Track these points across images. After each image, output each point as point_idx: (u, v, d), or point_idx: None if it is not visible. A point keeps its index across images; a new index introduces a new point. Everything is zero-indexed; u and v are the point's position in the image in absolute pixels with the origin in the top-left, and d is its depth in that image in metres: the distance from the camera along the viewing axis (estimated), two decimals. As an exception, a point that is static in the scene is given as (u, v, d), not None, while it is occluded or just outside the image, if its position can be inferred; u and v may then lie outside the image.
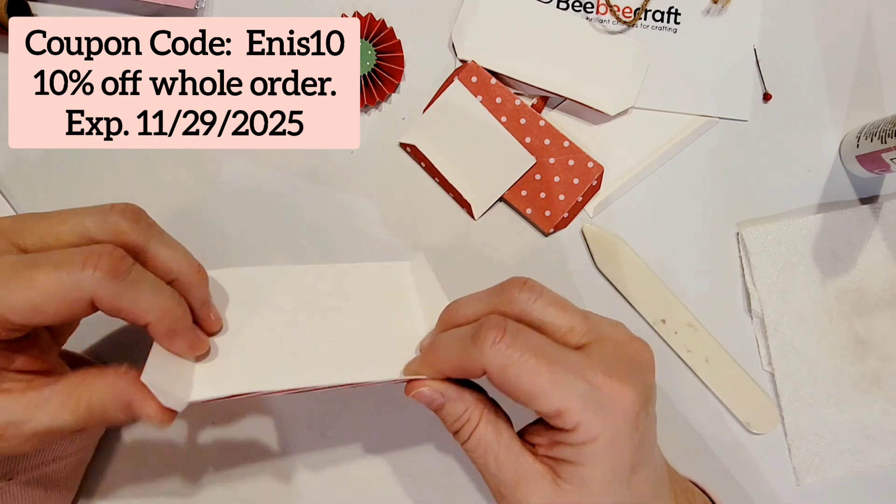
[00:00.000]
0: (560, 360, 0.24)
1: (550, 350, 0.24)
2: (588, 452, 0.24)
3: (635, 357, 0.26)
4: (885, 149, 0.37)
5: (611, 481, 0.24)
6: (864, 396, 0.39)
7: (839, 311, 0.40)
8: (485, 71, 0.38)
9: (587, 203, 0.39)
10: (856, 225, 0.40)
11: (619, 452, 0.24)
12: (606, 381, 0.24)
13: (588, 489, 0.24)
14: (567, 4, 0.40)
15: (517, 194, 0.39)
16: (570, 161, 0.38)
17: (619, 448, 0.24)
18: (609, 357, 0.25)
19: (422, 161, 0.39)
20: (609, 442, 0.24)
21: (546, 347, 0.24)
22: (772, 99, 0.40)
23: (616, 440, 0.24)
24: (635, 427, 0.24)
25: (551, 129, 0.38)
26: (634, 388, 0.24)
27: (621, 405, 0.24)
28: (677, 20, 0.40)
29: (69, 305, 0.23)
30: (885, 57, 0.41)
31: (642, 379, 0.25)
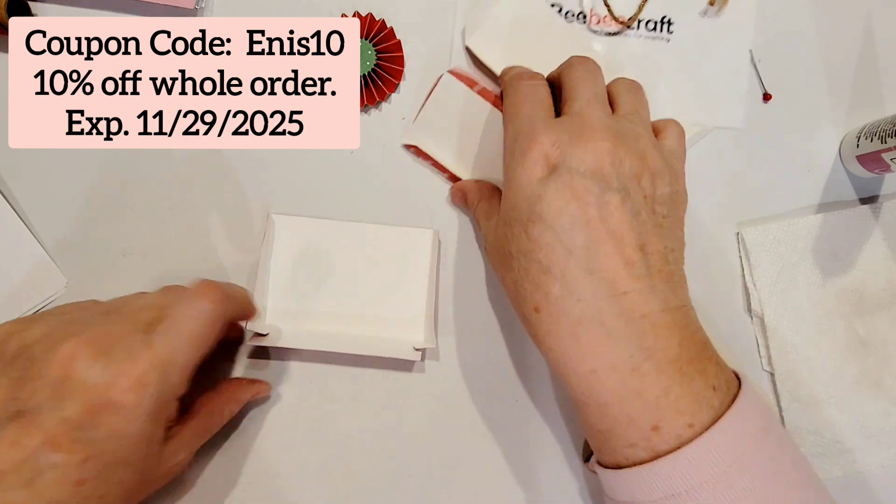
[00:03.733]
0: (535, 110, 0.31)
1: (537, 105, 0.32)
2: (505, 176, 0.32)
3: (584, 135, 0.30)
4: (885, 149, 0.37)
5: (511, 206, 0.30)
6: (864, 396, 0.39)
7: (839, 311, 0.40)
8: (467, 77, 0.38)
9: None
10: (856, 225, 0.40)
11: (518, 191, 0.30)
12: (536, 130, 0.30)
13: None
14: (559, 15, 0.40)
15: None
16: None
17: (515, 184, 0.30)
18: (566, 124, 0.30)
19: (427, 159, 0.39)
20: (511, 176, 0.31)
21: (537, 104, 0.32)
22: (771, 99, 0.40)
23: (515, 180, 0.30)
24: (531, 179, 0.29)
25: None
26: (550, 146, 0.29)
27: (527, 151, 0.30)
28: (670, 29, 0.40)
29: (220, 332, 0.31)
30: (885, 57, 0.41)
31: (569, 149, 0.29)
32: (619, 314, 0.27)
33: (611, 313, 0.27)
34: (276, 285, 0.38)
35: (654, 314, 0.28)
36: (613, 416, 0.28)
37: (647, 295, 0.28)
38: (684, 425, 0.27)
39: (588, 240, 0.28)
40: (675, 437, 0.27)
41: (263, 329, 0.37)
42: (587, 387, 0.28)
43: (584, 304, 0.28)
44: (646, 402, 0.27)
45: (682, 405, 0.27)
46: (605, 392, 0.28)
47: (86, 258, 0.38)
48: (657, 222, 0.29)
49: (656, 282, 0.28)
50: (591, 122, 0.30)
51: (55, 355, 0.27)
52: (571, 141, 0.29)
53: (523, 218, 0.29)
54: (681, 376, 0.27)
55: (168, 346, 0.29)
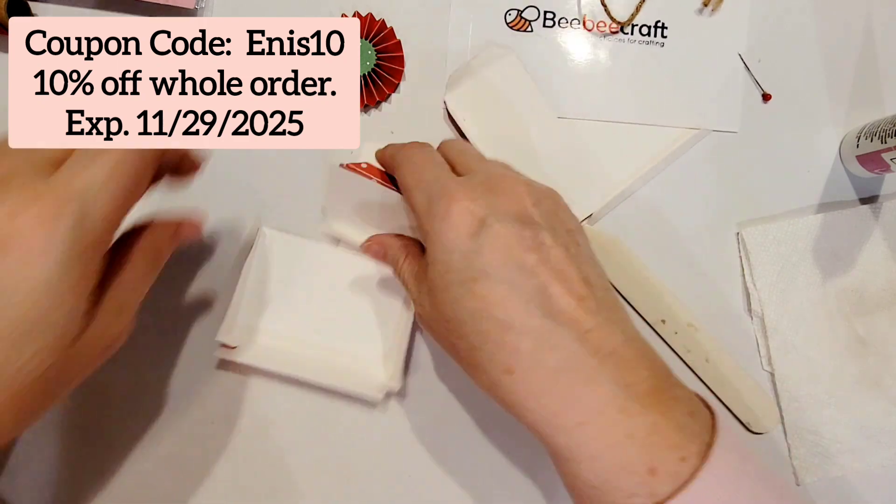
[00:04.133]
0: (439, 172, 0.31)
1: (439, 167, 0.31)
2: (429, 246, 0.30)
3: (499, 185, 0.29)
4: (885, 149, 0.37)
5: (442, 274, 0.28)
6: (864, 396, 0.39)
7: (839, 311, 0.40)
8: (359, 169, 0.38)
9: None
10: (856, 225, 0.40)
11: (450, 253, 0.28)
12: (451, 190, 0.29)
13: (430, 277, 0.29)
14: (553, 22, 0.40)
15: None
16: None
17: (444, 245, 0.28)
18: (476, 180, 0.30)
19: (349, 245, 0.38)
20: (436, 238, 0.28)
21: (439, 167, 0.31)
22: (771, 99, 0.40)
23: (444, 243, 0.28)
24: (461, 237, 0.28)
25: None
26: (470, 202, 0.28)
27: (448, 211, 0.28)
28: (664, 34, 0.40)
29: (151, 170, 0.28)
30: (885, 57, 0.41)
31: (490, 199, 0.28)
32: (592, 354, 0.26)
33: (584, 355, 0.26)
34: (252, 300, 0.38)
35: (620, 347, 0.27)
36: (607, 468, 0.26)
37: (607, 328, 0.27)
38: (677, 460, 0.25)
39: (539, 284, 0.27)
40: (672, 475, 0.25)
41: (233, 341, 0.37)
42: (576, 442, 0.26)
43: (559, 352, 0.26)
44: (638, 444, 0.26)
45: (672, 439, 0.26)
46: (596, 443, 0.26)
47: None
48: (582, 254, 0.29)
49: (610, 314, 0.27)
50: (496, 173, 0.30)
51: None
52: (489, 191, 0.29)
53: (464, 278, 0.27)
54: (663, 407, 0.26)
55: (83, 177, 0.24)
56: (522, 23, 0.40)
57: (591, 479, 0.26)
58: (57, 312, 0.23)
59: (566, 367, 0.26)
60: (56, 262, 0.22)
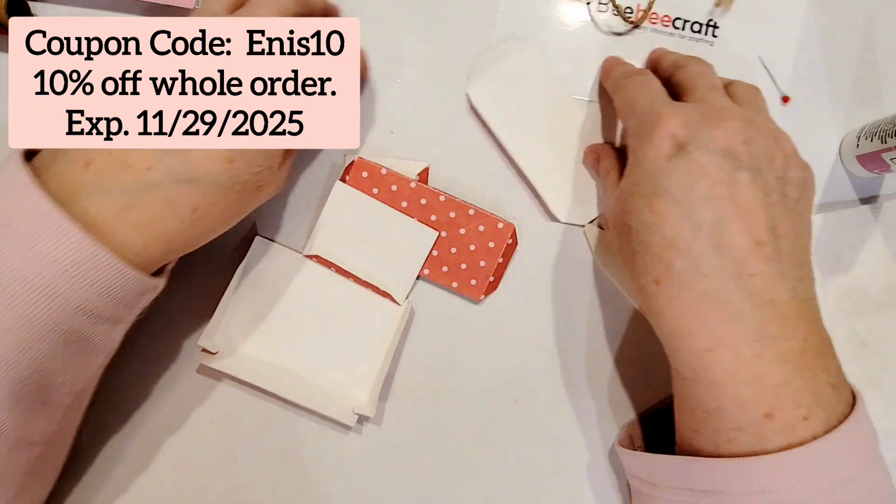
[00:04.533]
0: (653, 96, 0.31)
1: (654, 92, 0.32)
2: (629, 161, 0.31)
3: (715, 115, 0.29)
4: (885, 149, 0.37)
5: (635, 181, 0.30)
6: (864, 396, 0.39)
7: (839, 311, 0.40)
8: (374, 164, 0.38)
9: (509, 261, 0.39)
10: (856, 225, 0.40)
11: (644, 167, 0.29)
12: (661, 111, 0.29)
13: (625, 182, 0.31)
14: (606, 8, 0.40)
15: (438, 271, 0.38)
16: (480, 227, 0.38)
17: (642, 162, 0.29)
18: (692, 107, 0.30)
19: (331, 267, 0.38)
20: (637, 154, 0.30)
21: (654, 92, 0.32)
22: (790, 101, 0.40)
23: (641, 158, 0.29)
24: (659, 156, 0.29)
25: (453, 201, 0.38)
26: (677, 126, 0.29)
27: (653, 130, 0.29)
28: (714, 34, 0.40)
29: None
30: (885, 57, 0.41)
31: (699, 127, 0.29)
32: (747, 295, 0.26)
33: (737, 293, 0.26)
34: (239, 308, 0.38)
35: (782, 302, 0.27)
36: (724, 397, 0.27)
37: (776, 280, 0.27)
38: (799, 417, 0.26)
39: (717, 216, 0.27)
40: (787, 427, 0.26)
41: (214, 347, 0.36)
42: (701, 364, 0.27)
43: (710, 281, 0.27)
44: (762, 388, 0.26)
45: (800, 397, 0.26)
46: (720, 372, 0.27)
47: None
48: (788, 206, 0.28)
49: (786, 267, 0.27)
50: (719, 106, 0.30)
51: None
52: (701, 120, 0.29)
53: (647, 192, 0.29)
54: (803, 369, 0.26)
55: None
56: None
57: (705, 403, 0.27)
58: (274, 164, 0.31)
59: (713, 298, 0.27)
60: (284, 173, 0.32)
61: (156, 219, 0.28)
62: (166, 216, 0.28)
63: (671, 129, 0.29)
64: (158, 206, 0.27)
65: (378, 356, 0.38)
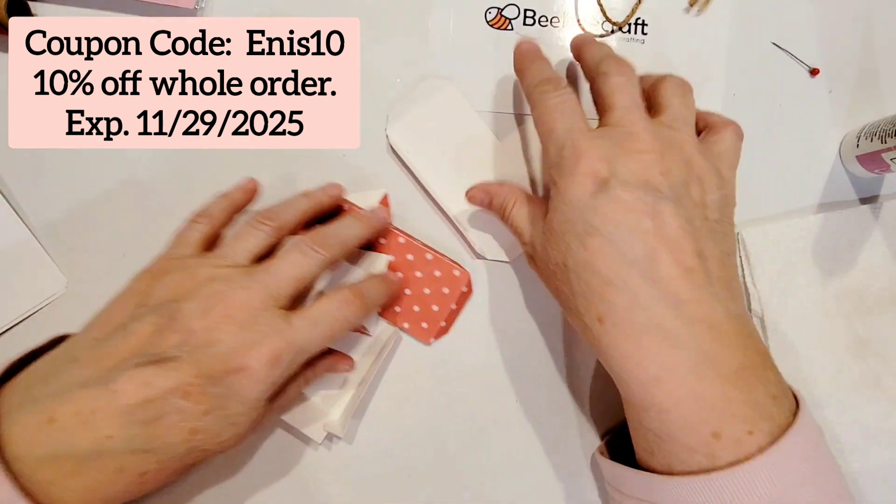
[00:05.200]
0: (570, 123, 0.31)
1: (571, 117, 0.31)
2: (552, 196, 0.31)
3: (632, 146, 0.30)
4: (885, 149, 0.37)
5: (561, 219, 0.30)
6: (864, 397, 0.39)
7: (839, 311, 0.40)
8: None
9: (462, 308, 0.39)
10: (856, 225, 0.40)
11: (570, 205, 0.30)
12: (580, 145, 0.30)
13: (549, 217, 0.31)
14: (533, 20, 0.40)
15: (391, 310, 0.38)
16: (436, 272, 0.38)
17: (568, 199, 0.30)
18: (610, 136, 0.30)
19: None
20: (561, 190, 0.30)
21: (571, 117, 0.31)
22: (819, 73, 0.40)
23: (566, 196, 0.30)
24: (584, 193, 0.29)
25: (412, 244, 0.38)
26: (597, 161, 0.29)
27: (575, 167, 0.30)
28: (644, 31, 0.40)
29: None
30: (885, 57, 0.41)
31: (618, 161, 0.29)
32: (684, 323, 0.27)
33: (675, 322, 0.27)
34: None
35: (717, 323, 0.28)
36: (673, 422, 0.28)
37: (709, 303, 0.28)
38: (744, 432, 0.27)
39: (648, 249, 0.28)
40: (734, 443, 0.27)
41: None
42: (649, 394, 0.28)
43: (649, 313, 0.28)
44: (707, 409, 0.27)
45: (744, 413, 0.27)
46: (667, 398, 0.28)
47: (86, 258, 0.38)
48: (710, 227, 0.30)
49: (717, 289, 0.28)
50: (635, 132, 0.30)
51: (205, 315, 0.29)
52: (618, 153, 0.29)
53: (579, 231, 0.29)
54: (743, 384, 0.27)
55: (305, 333, 0.30)
56: (502, 21, 0.40)
57: (656, 428, 0.28)
58: (251, 416, 0.30)
59: (654, 329, 0.28)
60: (267, 387, 0.29)
61: (101, 485, 0.27)
62: (113, 482, 0.28)
63: (591, 166, 0.29)
64: (107, 472, 0.27)
65: (356, 377, 0.37)
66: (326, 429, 0.36)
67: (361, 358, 0.38)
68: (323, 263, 0.32)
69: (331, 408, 0.37)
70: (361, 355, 0.38)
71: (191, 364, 0.28)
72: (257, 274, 0.31)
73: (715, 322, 0.28)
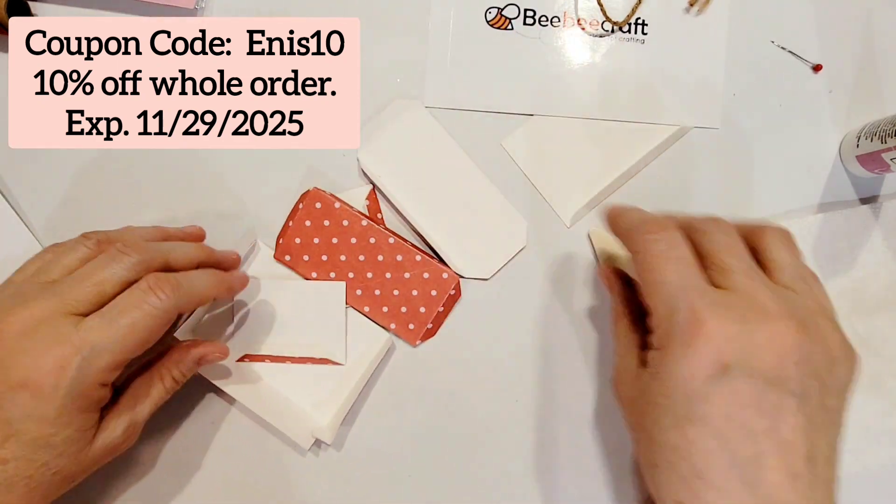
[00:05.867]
0: (684, 276, 0.27)
1: (684, 267, 0.27)
2: (654, 357, 0.27)
3: (763, 324, 0.25)
4: (885, 149, 0.37)
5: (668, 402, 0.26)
6: (864, 397, 0.39)
7: (839, 311, 0.40)
8: (328, 196, 0.37)
9: (450, 311, 0.39)
10: (856, 225, 0.40)
11: (676, 382, 0.25)
12: (701, 314, 0.25)
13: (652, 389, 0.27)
14: (533, 20, 0.40)
15: (378, 311, 0.38)
16: (424, 274, 0.38)
17: (674, 373, 0.26)
18: (735, 307, 0.26)
19: (263, 360, 0.38)
20: (670, 361, 0.26)
21: (685, 267, 0.27)
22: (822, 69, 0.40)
23: (674, 370, 0.25)
24: (696, 376, 0.25)
25: (402, 245, 0.38)
26: (722, 340, 0.25)
27: (692, 341, 0.25)
28: (644, 31, 0.40)
29: (166, 326, 0.30)
30: (885, 57, 0.41)
31: (746, 342, 0.25)
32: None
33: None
34: (222, 309, 0.38)
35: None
36: None
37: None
38: None
39: (756, 452, 0.25)
40: None
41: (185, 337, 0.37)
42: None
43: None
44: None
45: None
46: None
47: (86, 258, 0.38)
48: (827, 419, 0.26)
49: (819, 494, 0.25)
50: (765, 304, 0.26)
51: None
52: (748, 333, 0.25)
53: (679, 413, 0.25)
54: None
55: (100, 332, 0.28)
56: (503, 21, 0.40)
57: None
58: (64, 432, 0.28)
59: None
60: (62, 398, 0.27)
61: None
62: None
63: (715, 346, 0.25)
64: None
65: (341, 384, 0.38)
66: (315, 434, 0.37)
67: (354, 365, 0.38)
68: (134, 267, 0.30)
69: (321, 413, 0.38)
70: (354, 362, 0.38)
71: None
72: (57, 286, 0.29)
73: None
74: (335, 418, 0.37)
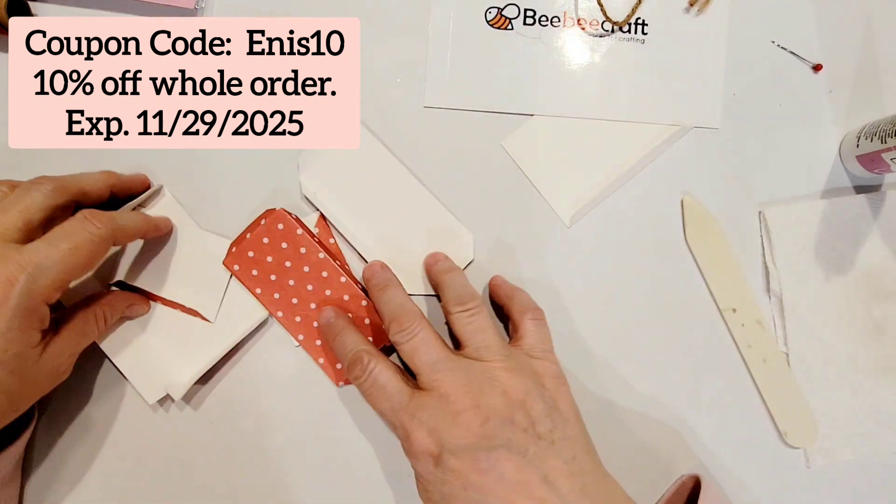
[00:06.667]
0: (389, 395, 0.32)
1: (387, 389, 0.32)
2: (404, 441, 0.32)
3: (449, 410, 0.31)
4: (885, 149, 0.37)
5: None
6: (877, 382, 0.39)
7: (857, 296, 0.40)
8: (293, 221, 0.37)
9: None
10: (879, 209, 0.40)
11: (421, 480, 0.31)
12: (403, 424, 0.31)
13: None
14: (533, 20, 0.40)
15: (312, 343, 0.38)
16: (366, 320, 0.38)
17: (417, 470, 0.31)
18: (424, 411, 0.31)
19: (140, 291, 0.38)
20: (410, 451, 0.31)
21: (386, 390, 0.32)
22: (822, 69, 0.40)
23: (413, 463, 0.31)
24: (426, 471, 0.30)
25: (351, 287, 0.37)
26: (425, 436, 0.30)
27: (409, 450, 0.31)
28: (644, 31, 0.40)
29: (103, 254, 0.32)
30: (885, 57, 0.41)
31: (442, 430, 0.30)
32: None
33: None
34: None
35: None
36: None
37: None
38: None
39: (499, 500, 0.29)
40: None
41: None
42: None
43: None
44: None
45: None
46: None
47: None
48: (546, 444, 0.30)
49: (572, 499, 0.29)
50: (446, 392, 0.31)
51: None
52: (441, 418, 0.30)
53: (436, 499, 0.31)
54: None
55: (44, 253, 0.30)
56: (503, 20, 0.40)
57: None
58: (14, 348, 0.29)
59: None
60: (11, 310, 0.29)
61: None
62: None
63: (422, 446, 0.30)
64: None
65: (211, 346, 0.37)
66: (167, 390, 0.36)
67: (222, 327, 0.38)
68: (52, 193, 0.31)
69: (180, 368, 0.37)
70: (223, 325, 0.38)
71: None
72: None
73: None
74: (193, 377, 0.37)
